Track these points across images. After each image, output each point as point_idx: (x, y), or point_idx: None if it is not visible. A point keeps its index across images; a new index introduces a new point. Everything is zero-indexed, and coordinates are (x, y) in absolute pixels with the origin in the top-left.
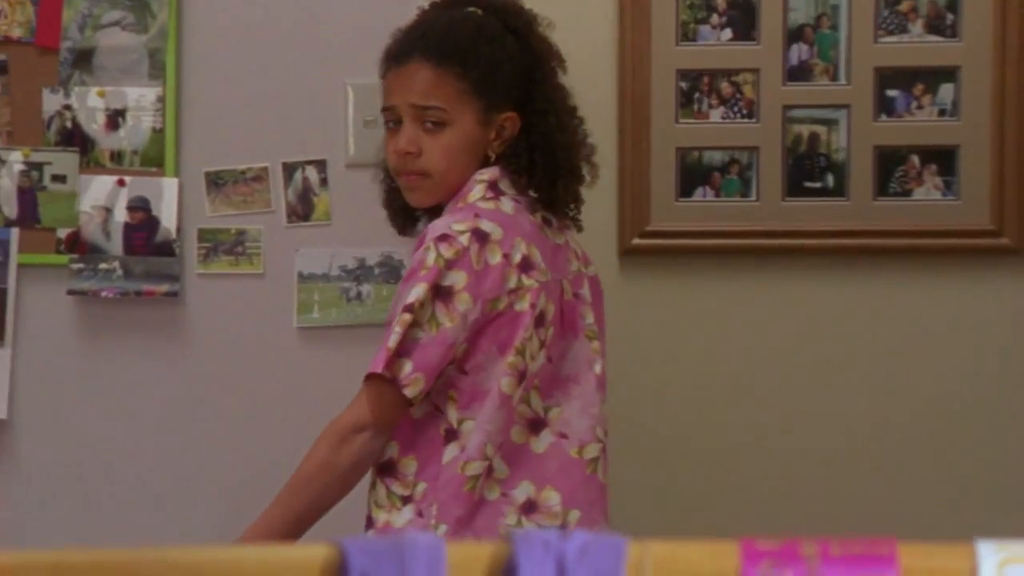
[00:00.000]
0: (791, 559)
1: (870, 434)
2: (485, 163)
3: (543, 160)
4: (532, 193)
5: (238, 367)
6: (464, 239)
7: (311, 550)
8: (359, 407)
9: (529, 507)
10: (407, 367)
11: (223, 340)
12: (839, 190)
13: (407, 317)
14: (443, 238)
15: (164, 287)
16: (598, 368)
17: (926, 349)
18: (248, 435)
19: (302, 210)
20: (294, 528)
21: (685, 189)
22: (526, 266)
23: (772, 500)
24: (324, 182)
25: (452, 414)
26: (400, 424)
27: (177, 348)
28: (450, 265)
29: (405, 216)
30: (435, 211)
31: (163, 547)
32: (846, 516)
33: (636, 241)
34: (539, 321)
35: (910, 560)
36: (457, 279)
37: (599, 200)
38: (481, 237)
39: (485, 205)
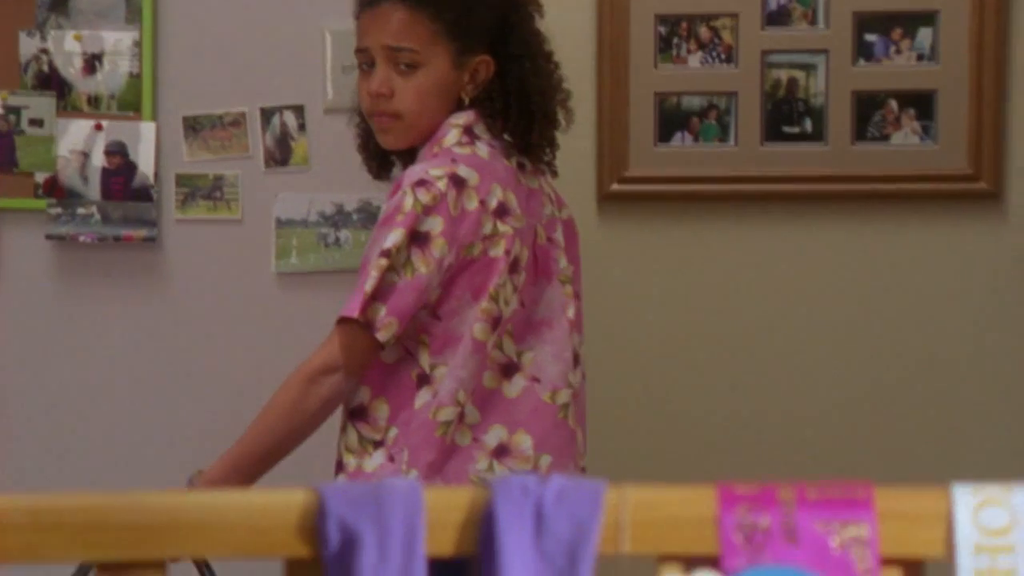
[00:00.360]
0: (768, 503)
1: (848, 378)
2: (459, 107)
3: (518, 105)
4: (507, 138)
5: (216, 312)
6: (442, 184)
7: (290, 496)
8: (330, 349)
9: (501, 451)
10: (381, 311)
11: (201, 286)
12: (817, 135)
13: (383, 262)
14: (421, 183)
15: (142, 232)
16: (571, 312)
17: (903, 292)
18: (226, 380)
19: (280, 155)
20: (259, 466)
21: (663, 134)
22: (502, 212)
23: (749, 445)
24: (302, 127)
25: (424, 359)
26: (372, 368)
27: (155, 293)
28: (427, 211)
29: (380, 160)
30: (409, 155)
31: (142, 492)
32: (822, 460)
33: (614, 187)
34: (513, 267)
35: (886, 504)
36: (434, 224)
37: (577, 146)
38: (458, 183)
39: (461, 150)
